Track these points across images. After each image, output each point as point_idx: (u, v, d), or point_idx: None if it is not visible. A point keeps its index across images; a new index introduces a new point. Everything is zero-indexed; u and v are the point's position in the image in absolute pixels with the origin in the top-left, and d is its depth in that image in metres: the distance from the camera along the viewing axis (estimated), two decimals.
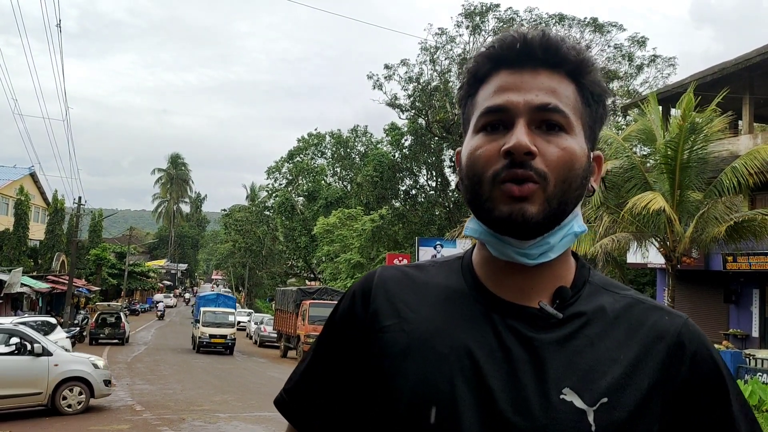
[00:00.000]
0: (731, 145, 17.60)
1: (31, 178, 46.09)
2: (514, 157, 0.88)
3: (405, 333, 0.95)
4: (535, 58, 0.92)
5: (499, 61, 0.94)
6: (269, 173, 55.53)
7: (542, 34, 0.93)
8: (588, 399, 0.87)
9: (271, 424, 11.96)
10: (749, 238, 13.78)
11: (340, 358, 1.01)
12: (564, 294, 0.94)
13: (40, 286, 32.04)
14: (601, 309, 0.94)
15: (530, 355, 0.89)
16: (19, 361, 12.14)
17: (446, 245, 25.44)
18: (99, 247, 49.74)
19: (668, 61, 32.04)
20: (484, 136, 0.92)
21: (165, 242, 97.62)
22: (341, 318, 1.04)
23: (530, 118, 0.90)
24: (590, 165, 0.95)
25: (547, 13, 31.94)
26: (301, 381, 1.06)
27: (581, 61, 0.93)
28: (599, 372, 0.89)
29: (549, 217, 0.89)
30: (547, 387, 0.87)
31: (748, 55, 18.36)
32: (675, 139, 13.31)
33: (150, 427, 11.39)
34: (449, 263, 1.05)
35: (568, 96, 0.92)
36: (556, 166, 0.89)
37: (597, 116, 0.97)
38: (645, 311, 0.95)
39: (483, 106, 0.93)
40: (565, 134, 0.91)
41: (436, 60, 32.76)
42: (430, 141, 35.35)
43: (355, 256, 36.76)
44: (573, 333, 0.91)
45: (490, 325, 0.92)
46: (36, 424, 11.49)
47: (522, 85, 0.91)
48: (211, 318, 29.36)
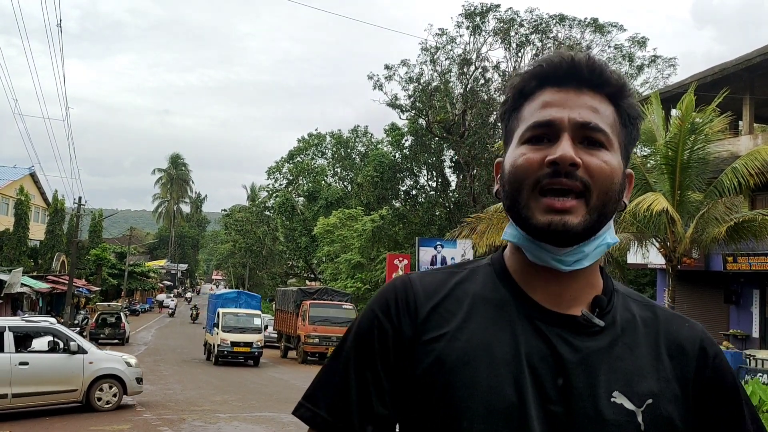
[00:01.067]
0: (731, 146, 17.59)
1: (31, 178, 46.11)
2: (559, 167, 0.93)
3: (460, 342, 0.97)
4: (580, 78, 0.98)
5: (545, 79, 1.00)
6: (269, 173, 55.58)
7: (588, 57, 0.99)
8: (636, 401, 0.94)
9: (271, 425, 11.95)
10: (749, 239, 13.77)
11: (378, 369, 0.99)
12: (602, 302, 1.00)
13: (40, 286, 32.03)
14: (633, 317, 1.03)
15: (580, 361, 0.95)
16: (56, 359, 12.51)
17: (446, 245, 25.43)
18: (99, 247, 49.75)
19: (668, 62, 32.09)
20: (528, 146, 0.98)
21: (165, 242, 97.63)
22: (377, 330, 1.01)
23: (574, 133, 0.96)
24: (625, 181, 1.02)
25: (548, 14, 31.96)
26: (340, 400, 1.00)
27: (622, 86, 1.00)
28: (640, 376, 0.97)
29: (588, 228, 0.95)
30: (599, 391, 0.94)
31: (748, 56, 18.36)
32: (675, 139, 13.29)
33: (150, 427, 11.39)
34: (481, 269, 1.07)
35: (608, 116, 0.99)
36: (599, 178, 0.95)
37: (631, 137, 1.04)
38: (669, 320, 1.05)
39: (529, 120, 0.99)
40: (606, 150, 0.97)
41: (436, 60, 32.77)
42: (430, 141, 35.35)
43: (355, 257, 36.76)
44: (614, 340, 0.99)
45: (538, 332, 0.97)
46: (36, 423, 11.50)
47: (567, 103, 0.97)
48: (232, 321, 23.88)
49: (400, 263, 27.21)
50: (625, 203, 1.02)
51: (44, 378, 12.15)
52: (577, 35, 32.01)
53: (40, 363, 12.21)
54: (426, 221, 34.98)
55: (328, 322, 24.74)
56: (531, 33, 31.74)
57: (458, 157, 33.26)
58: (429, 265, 25.49)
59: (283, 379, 20.22)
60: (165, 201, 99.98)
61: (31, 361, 12.10)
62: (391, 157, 39.89)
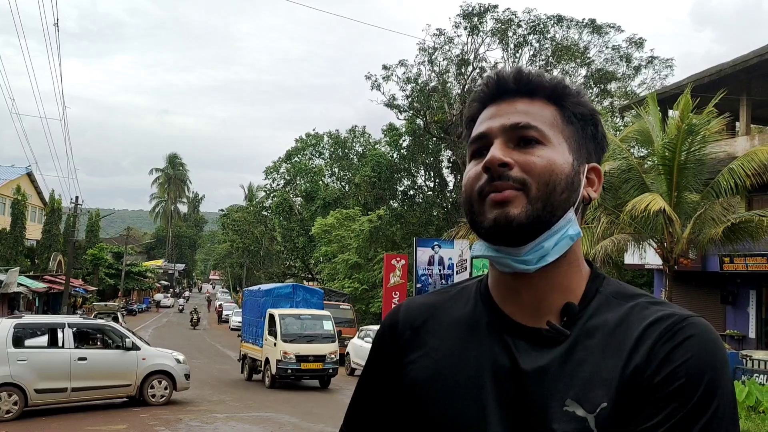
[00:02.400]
0: (728, 147, 17.62)
1: (28, 177, 46.01)
2: (491, 171, 0.96)
3: (432, 361, 1.04)
4: (510, 90, 1.03)
5: (484, 100, 1.05)
6: (267, 173, 55.54)
7: (517, 69, 1.04)
8: (588, 407, 0.92)
9: (268, 425, 11.95)
10: (746, 240, 13.80)
11: (377, 391, 1.11)
12: (571, 310, 0.99)
13: (36, 285, 31.98)
14: (605, 320, 0.97)
15: (539, 373, 0.95)
16: (111, 355, 13.37)
17: (444, 246, 25.45)
18: (96, 247, 49.69)
19: (666, 63, 32.15)
20: (472, 162, 1.03)
21: (162, 242, 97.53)
22: (374, 354, 1.14)
23: (506, 137, 0.99)
24: (578, 175, 1.00)
25: (545, 14, 32.00)
26: (353, 416, 1.15)
27: (555, 86, 1.02)
28: (599, 379, 0.93)
29: (534, 218, 0.95)
30: (552, 401, 0.93)
31: (745, 57, 18.40)
32: (672, 140, 13.32)
33: (147, 426, 11.38)
34: (469, 287, 1.11)
35: (544, 115, 1.01)
36: (535, 171, 0.96)
37: (586, 133, 1.04)
38: (646, 315, 0.95)
39: (470, 138, 1.05)
40: (543, 146, 0.98)
41: (434, 61, 32.79)
42: (428, 141, 35.37)
43: (353, 257, 36.75)
44: (575, 346, 0.96)
45: (505, 346, 0.99)
46: (32, 422, 11.48)
47: (499, 113, 1.02)
48: (295, 327, 17.88)
49: (397, 263, 27.21)
50: (589, 196, 1.02)
51: (101, 373, 12.95)
52: (574, 36, 32.08)
53: (97, 359, 13.00)
54: (423, 221, 35.01)
55: None
56: (528, 34, 31.78)
57: (456, 158, 33.29)
58: (427, 265, 25.51)
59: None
60: (162, 201, 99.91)
61: (89, 356, 12.90)
62: (389, 157, 39.90)
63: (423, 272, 25.32)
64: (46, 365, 12.28)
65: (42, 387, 12.12)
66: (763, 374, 13.80)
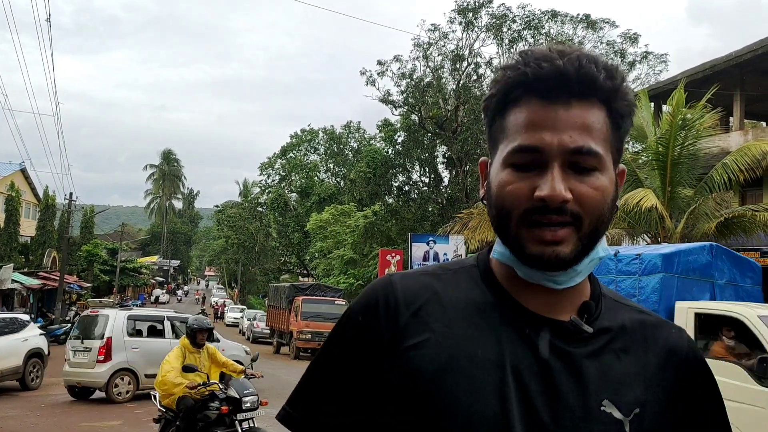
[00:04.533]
0: (722, 142, 17.68)
1: (21, 174, 45.81)
2: (548, 203, 0.88)
3: (439, 349, 0.93)
4: (570, 90, 0.90)
5: (531, 88, 0.92)
6: (262, 169, 55.46)
7: (578, 63, 0.90)
8: (624, 410, 0.92)
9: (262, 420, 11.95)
10: (739, 235, 13.86)
11: (357, 372, 0.97)
12: (590, 308, 0.98)
13: (31, 282, 31.87)
14: (622, 324, 1.00)
15: (568, 368, 0.92)
16: None
17: (439, 241, 25.47)
18: (91, 243, 49.54)
19: (660, 58, 32.17)
20: (514, 172, 0.91)
21: (157, 239, 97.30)
22: (357, 332, 0.99)
23: (563, 159, 0.89)
24: (617, 188, 0.96)
25: (540, 10, 32.00)
26: (309, 394, 1.02)
27: (616, 90, 0.92)
28: (627, 385, 0.94)
29: (581, 254, 0.92)
30: (589, 399, 0.91)
31: (738, 52, 18.44)
32: (666, 135, 13.36)
33: (141, 423, 11.37)
34: (465, 271, 1.03)
35: (600, 128, 0.91)
36: (590, 206, 0.90)
37: (623, 133, 0.97)
38: (656, 327, 1.02)
39: (515, 139, 0.92)
40: (599, 173, 0.91)
41: (429, 56, 32.74)
42: (423, 137, 35.35)
43: (348, 253, 36.75)
44: (603, 347, 0.96)
45: (524, 338, 0.94)
46: (25, 419, 11.46)
47: (555, 123, 0.90)
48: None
49: (392, 259, 27.23)
50: (617, 206, 0.97)
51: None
52: (569, 31, 32.07)
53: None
54: (419, 217, 35.00)
55: (321, 318, 24.74)
56: (523, 29, 31.75)
57: (451, 153, 33.29)
58: (422, 260, 25.53)
59: (276, 375, 20.21)
60: (157, 197, 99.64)
61: None
62: (384, 153, 39.87)
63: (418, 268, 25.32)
64: (152, 353, 13.20)
65: (149, 372, 13.00)
66: None
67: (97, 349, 13.29)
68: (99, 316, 14.20)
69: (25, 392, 14.67)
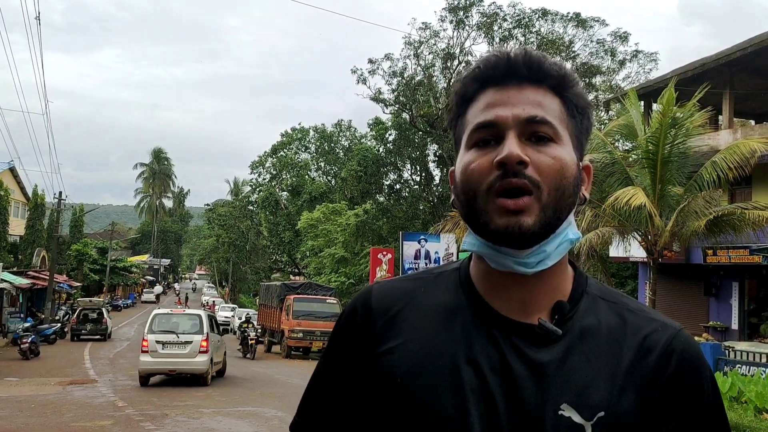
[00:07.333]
0: (711, 140, 17.78)
1: (10, 172, 45.42)
2: (507, 167, 0.90)
3: (410, 353, 0.96)
4: (519, 75, 0.96)
5: (485, 80, 0.97)
6: (253, 168, 55.36)
7: (524, 52, 0.96)
8: (586, 414, 0.90)
9: (254, 419, 11.93)
10: (729, 232, 13.95)
11: (344, 378, 1.03)
12: (562, 308, 0.96)
13: (20, 282, 31.63)
14: (597, 323, 0.97)
15: (531, 372, 0.92)
16: (231, 338, 17.22)
17: (430, 240, 25.51)
18: (80, 242, 49.29)
19: (650, 57, 32.30)
20: (476, 151, 0.95)
21: (147, 237, 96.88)
22: (342, 337, 1.05)
23: (520, 130, 0.93)
24: (580, 174, 0.98)
25: (530, 8, 32.08)
26: (311, 402, 1.09)
27: (564, 76, 0.97)
28: (594, 387, 0.92)
29: (545, 226, 0.92)
30: (547, 404, 0.90)
31: (728, 51, 18.55)
32: (656, 133, 13.42)
33: (132, 422, 11.32)
34: (446, 275, 1.05)
35: (554, 108, 0.96)
36: (549, 174, 0.92)
37: (583, 128, 1.00)
38: (639, 324, 0.98)
39: (473, 123, 0.96)
40: (555, 144, 0.94)
41: (420, 54, 32.74)
42: (414, 136, 35.37)
43: (339, 251, 36.74)
44: (570, 349, 0.94)
45: (492, 342, 0.94)
46: (15, 418, 11.38)
47: (509, 100, 0.95)
48: None
49: (384, 257, 27.24)
50: (584, 196, 0.99)
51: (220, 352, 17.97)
52: (559, 30, 32.16)
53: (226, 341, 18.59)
54: (410, 215, 35.03)
55: (312, 317, 24.72)
56: (514, 27, 31.82)
57: (442, 152, 33.32)
58: (413, 259, 25.56)
59: (267, 374, 20.18)
60: (147, 196, 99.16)
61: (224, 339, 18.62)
62: (375, 151, 39.86)
63: (409, 266, 25.36)
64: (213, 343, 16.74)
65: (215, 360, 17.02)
66: (745, 365, 13.98)
67: (199, 342, 15.87)
68: (186, 315, 17.00)
69: (16, 393, 14.58)
